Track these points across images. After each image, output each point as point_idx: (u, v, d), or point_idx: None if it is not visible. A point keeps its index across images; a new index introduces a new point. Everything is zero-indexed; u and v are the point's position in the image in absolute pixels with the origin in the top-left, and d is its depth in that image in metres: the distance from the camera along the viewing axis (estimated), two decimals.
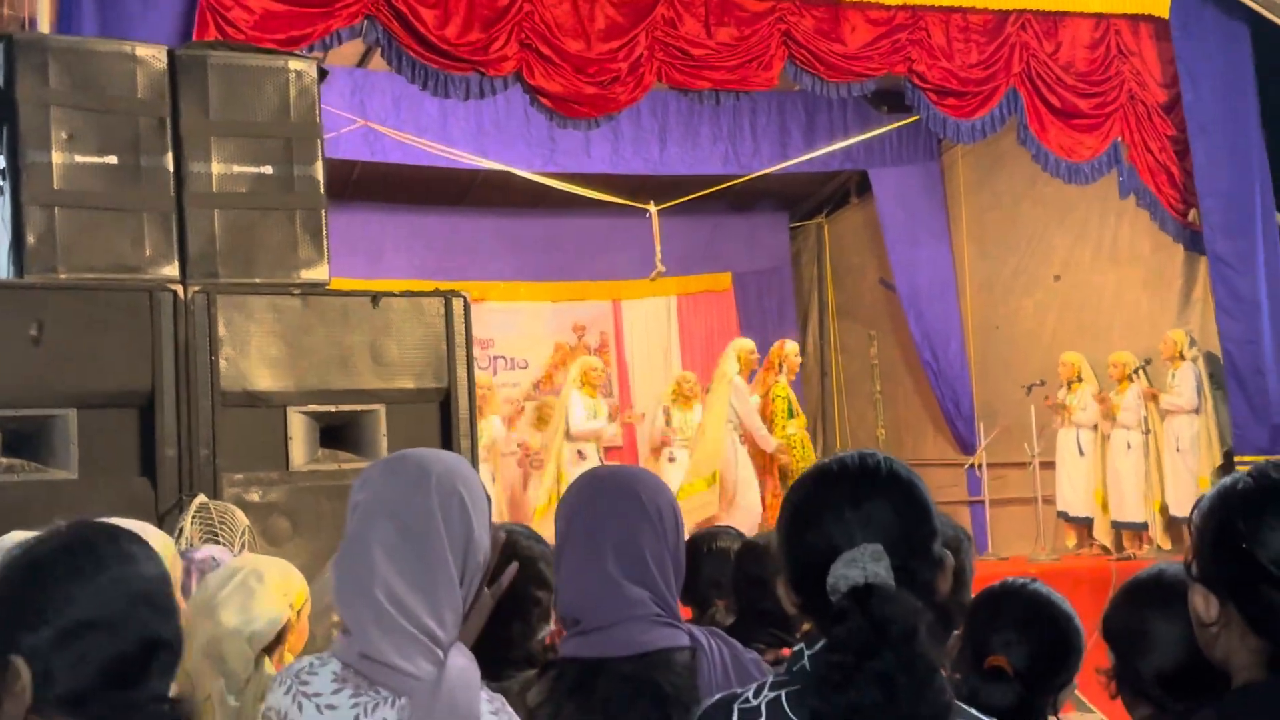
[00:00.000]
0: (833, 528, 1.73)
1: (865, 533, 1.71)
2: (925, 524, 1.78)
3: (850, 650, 1.61)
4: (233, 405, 4.85)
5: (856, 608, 1.63)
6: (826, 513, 1.76)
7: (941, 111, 9.35)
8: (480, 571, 2.08)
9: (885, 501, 1.75)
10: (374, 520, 2.03)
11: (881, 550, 1.68)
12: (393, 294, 5.30)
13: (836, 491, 1.78)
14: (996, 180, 12.08)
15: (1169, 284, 10.73)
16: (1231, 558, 1.62)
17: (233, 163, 5.06)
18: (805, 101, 11.48)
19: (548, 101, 8.46)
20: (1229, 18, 9.60)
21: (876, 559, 1.67)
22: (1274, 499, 1.62)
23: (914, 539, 1.75)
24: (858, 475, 1.79)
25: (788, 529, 1.81)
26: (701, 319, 13.66)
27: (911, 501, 1.78)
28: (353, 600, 1.96)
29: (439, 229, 12.65)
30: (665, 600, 2.30)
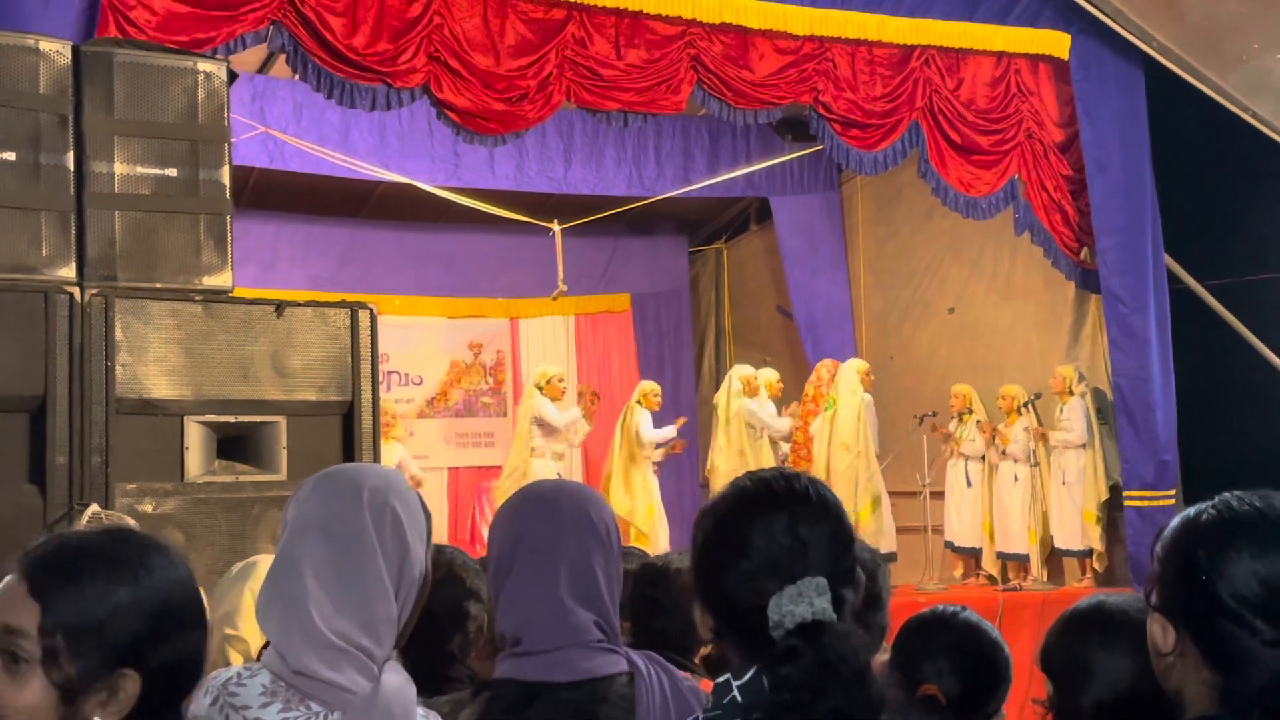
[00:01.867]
0: (768, 556, 1.70)
1: (803, 564, 1.68)
2: (851, 550, 1.76)
3: (802, 690, 1.58)
4: (128, 413, 4.71)
5: (807, 646, 1.60)
6: (758, 539, 1.72)
7: (845, 142, 9.43)
8: (417, 586, 2.04)
9: (821, 529, 1.72)
10: (304, 536, 1.97)
11: (825, 584, 1.65)
12: (297, 304, 5.20)
13: (768, 517, 1.74)
14: (895, 212, 12.24)
15: (1060, 320, 10.94)
16: (1191, 589, 1.62)
17: (136, 163, 4.93)
18: (710, 126, 11.54)
19: (455, 116, 8.38)
20: (1125, 61, 9.84)
21: (821, 593, 1.64)
22: (1236, 531, 1.62)
23: (844, 567, 1.73)
24: (789, 501, 1.75)
25: (710, 553, 1.77)
26: (599, 339, 13.64)
27: (840, 529, 1.75)
28: (283, 616, 1.90)
29: (335, 240, 12.47)
30: (611, 624, 2.23)
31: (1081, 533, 10.20)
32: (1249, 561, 1.59)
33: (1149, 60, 9.68)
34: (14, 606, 1.57)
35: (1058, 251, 10.17)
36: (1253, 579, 1.58)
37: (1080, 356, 10.72)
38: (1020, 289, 11.32)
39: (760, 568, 1.70)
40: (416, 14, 8.07)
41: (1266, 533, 1.61)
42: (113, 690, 1.56)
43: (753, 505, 1.78)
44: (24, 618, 1.56)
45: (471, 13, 8.26)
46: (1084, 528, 10.19)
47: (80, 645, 1.55)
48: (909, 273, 12.26)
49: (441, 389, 12.98)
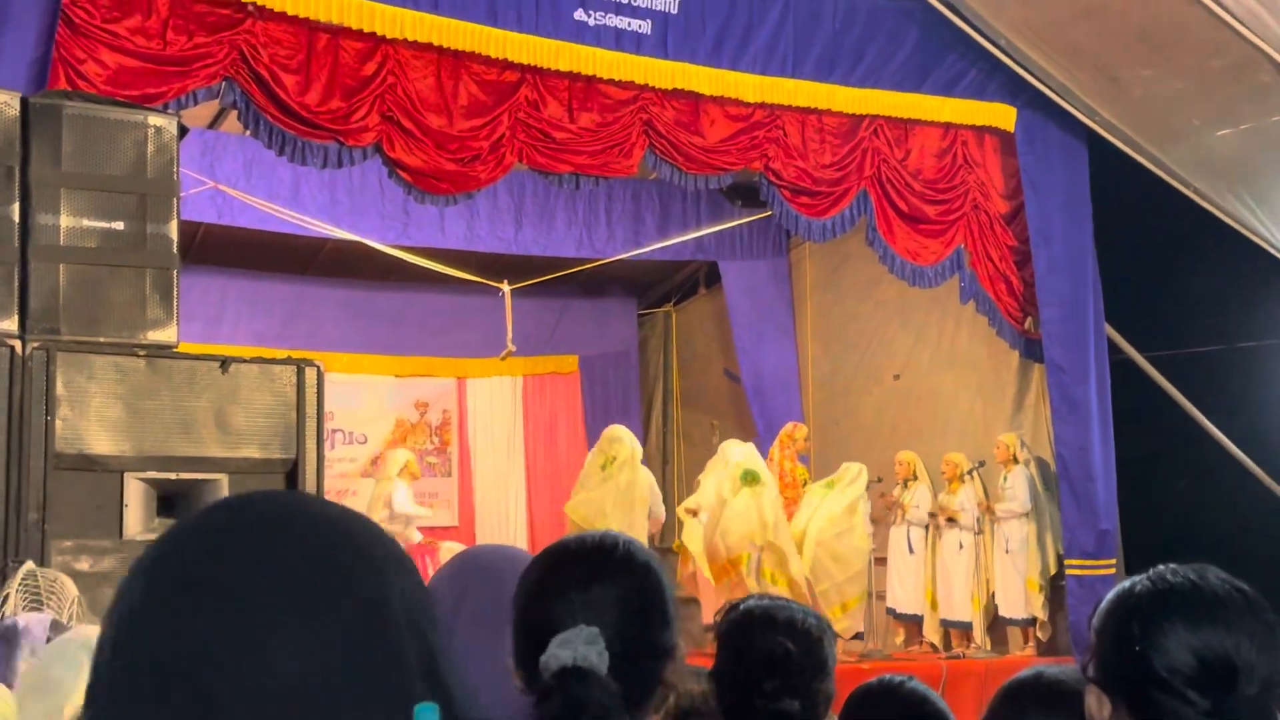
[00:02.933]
0: (558, 608, 1.72)
1: (587, 615, 1.70)
2: (654, 612, 1.77)
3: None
4: (67, 468, 4.65)
5: (557, 689, 1.62)
6: (554, 592, 1.75)
7: (794, 209, 9.52)
8: None
9: (613, 585, 1.74)
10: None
11: (596, 634, 1.66)
12: (243, 360, 5.16)
13: (568, 571, 1.77)
14: (842, 279, 12.34)
15: (1004, 389, 11.04)
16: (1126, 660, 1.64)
17: (83, 216, 4.89)
18: (660, 190, 11.61)
19: (407, 175, 8.38)
20: (1070, 135, 10.00)
21: (590, 642, 1.65)
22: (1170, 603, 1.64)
23: (639, 626, 1.74)
24: (590, 556, 1.79)
25: (519, 604, 1.80)
26: (546, 401, 13.61)
27: (643, 588, 1.77)
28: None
29: (283, 297, 12.39)
30: None
31: (1025, 601, 10.24)
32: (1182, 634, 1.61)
33: (1093, 134, 9.85)
34: None
35: (1002, 321, 10.28)
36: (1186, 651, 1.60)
37: (1024, 425, 10.82)
38: (965, 357, 11.42)
39: (549, 618, 1.73)
40: (370, 73, 8.09)
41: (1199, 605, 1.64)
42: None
43: (560, 558, 1.82)
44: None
45: (425, 73, 8.29)
46: (1027, 596, 10.23)
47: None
48: (855, 339, 12.35)
49: (385, 448, 12.88)
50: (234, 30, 7.58)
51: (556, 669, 1.64)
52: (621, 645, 1.67)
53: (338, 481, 11.77)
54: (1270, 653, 1.65)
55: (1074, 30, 9.11)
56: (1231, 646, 1.62)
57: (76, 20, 7.06)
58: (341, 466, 12.33)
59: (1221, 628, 1.62)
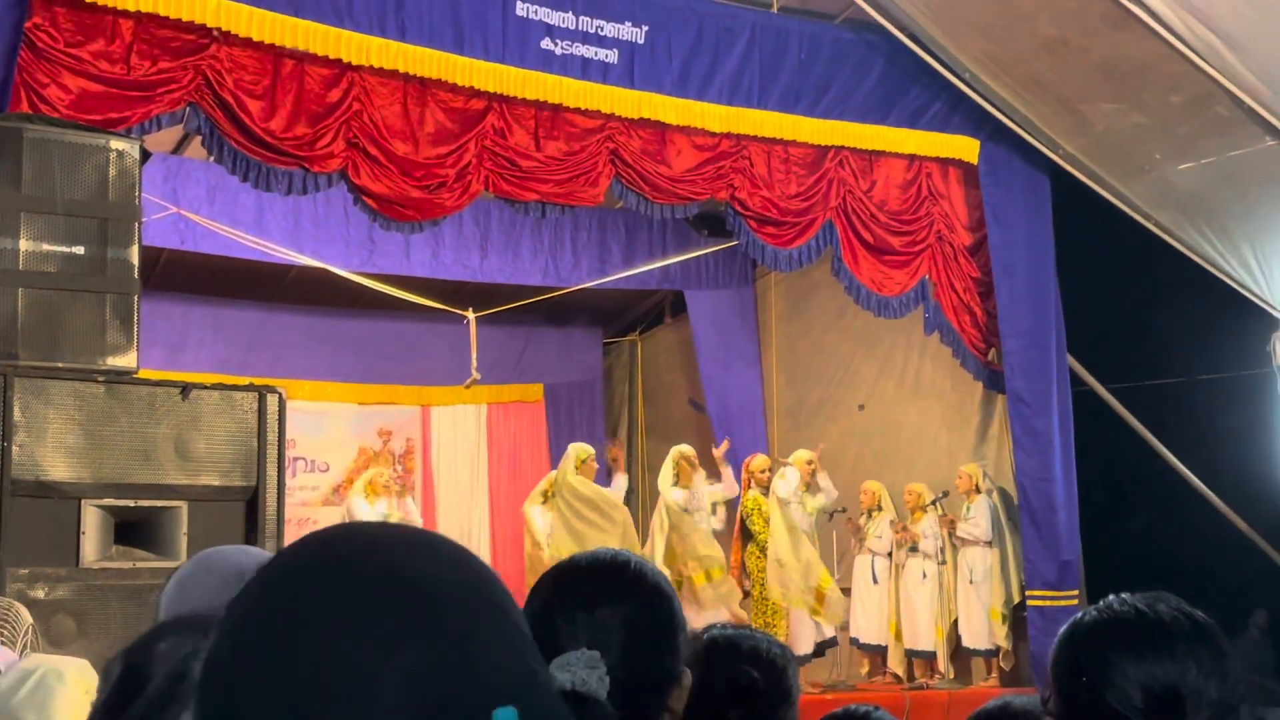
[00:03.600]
0: (563, 628, 1.68)
1: (592, 637, 1.66)
2: (661, 634, 1.73)
3: None
4: (23, 495, 4.58)
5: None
6: (560, 611, 1.71)
7: (761, 239, 9.54)
8: None
9: (621, 607, 1.71)
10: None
11: (598, 658, 1.61)
12: (203, 386, 5.11)
13: (575, 590, 1.73)
14: (807, 309, 12.37)
15: (968, 419, 11.08)
16: (1079, 693, 1.63)
17: (43, 240, 4.84)
18: (626, 219, 11.62)
19: (372, 202, 8.36)
20: (1033, 168, 10.08)
21: (591, 666, 1.61)
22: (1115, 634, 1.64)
23: (645, 651, 1.70)
24: (599, 575, 1.75)
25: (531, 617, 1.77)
26: (510, 429, 13.56)
27: (651, 612, 1.73)
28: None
29: (245, 323, 12.32)
30: None
31: (988, 632, 10.25)
32: (1128, 665, 1.61)
33: (1056, 167, 9.93)
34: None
35: (966, 352, 10.32)
36: (1132, 683, 1.60)
37: (987, 455, 10.85)
38: (929, 388, 11.46)
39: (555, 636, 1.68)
40: (336, 99, 8.07)
41: (1144, 635, 1.63)
42: None
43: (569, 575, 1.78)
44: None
45: (391, 100, 8.28)
46: (990, 626, 10.24)
47: None
48: (820, 369, 12.37)
49: (348, 476, 12.79)
50: (198, 55, 7.55)
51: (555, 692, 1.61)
52: (626, 670, 1.63)
53: (299, 510, 11.68)
54: (1220, 679, 1.65)
55: (1036, 63, 9.19)
56: (1177, 675, 1.61)
57: (39, 44, 7.02)
58: (303, 494, 12.25)
59: (1166, 656, 1.62)
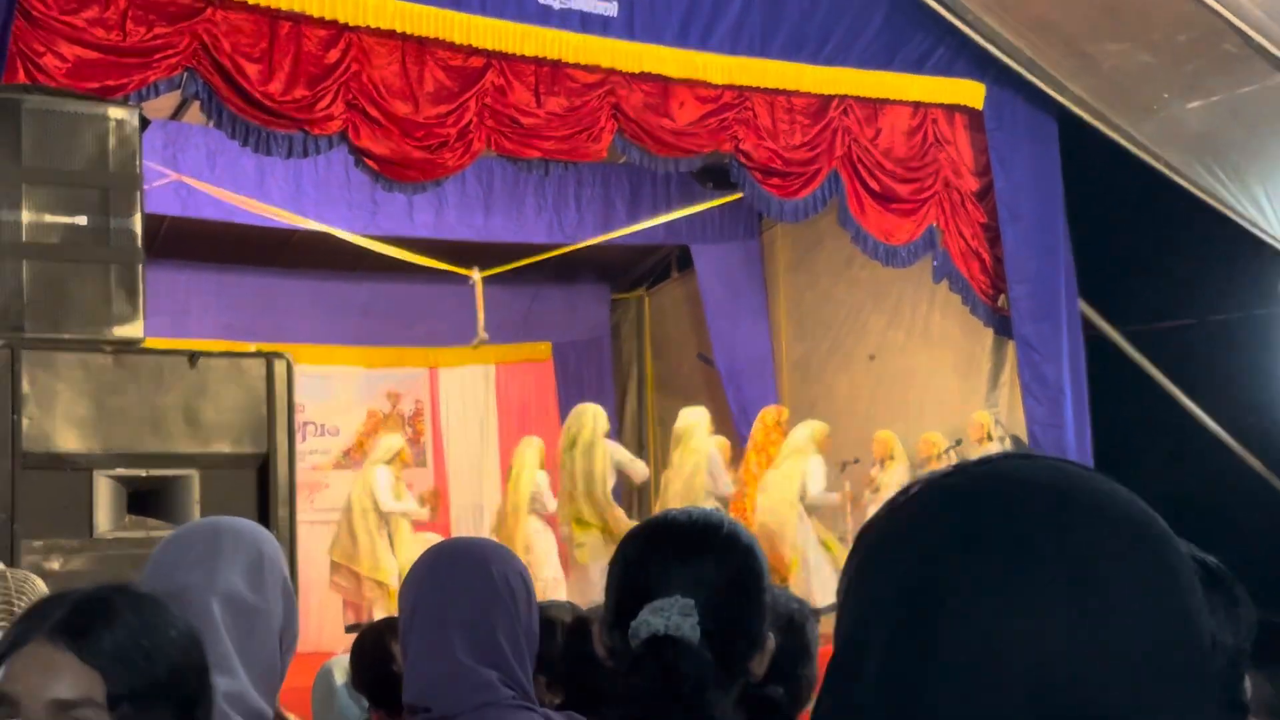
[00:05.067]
0: (656, 577, 1.69)
1: (684, 588, 1.66)
2: (750, 595, 1.73)
3: (641, 702, 1.57)
4: (35, 467, 4.57)
5: (653, 657, 1.59)
6: (653, 562, 1.71)
7: (766, 190, 9.47)
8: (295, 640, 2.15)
9: (713, 563, 1.70)
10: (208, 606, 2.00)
11: (691, 606, 1.63)
12: (211, 354, 5.09)
13: (670, 542, 1.74)
14: (815, 260, 12.31)
15: (978, 367, 11.04)
16: None
17: (45, 212, 4.80)
18: (630, 174, 11.55)
19: (374, 164, 8.30)
20: (1039, 111, 9.99)
21: (685, 613, 1.62)
22: None
23: (733, 609, 1.70)
24: (694, 531, 1.75)
25: (616, 571, 1.76)
26: (519, 388, 13.54)
27: (742, 569, 1.73)
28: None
29: (250, 289, 12.28)
30: (519, 682, 2.19)
31: None
32: None
33: (1062, 109, 9.83)
34: (64, 676, 1.44)
35: (975, 299, 10.26)
36: None
37: (998, 403, 10.82)
38: (939, 336, 11.41)
39: (646, 586, 1.69)
40: (334, 60, 7.99)
41: None
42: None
43: (662, 529, 1.79)
44: (83, 687, 1.43)
45: (389, 59, 8.20)
46: None
47: (150, 707, 1.46)
48: (829, 320, 12.33)
49: (358, 440, 12.79)
50: (194, 20, 7.48)
51: (647, 636, 1.61)
52: (712, 627, 1.64)
53: (310, 475, 11.68)
54: (1234, 624, 1.65)
55: (1041, 4, 9.09)
56: None
57: (34, 12, 6.95)
58: (314, 459, 12.24)
59: None
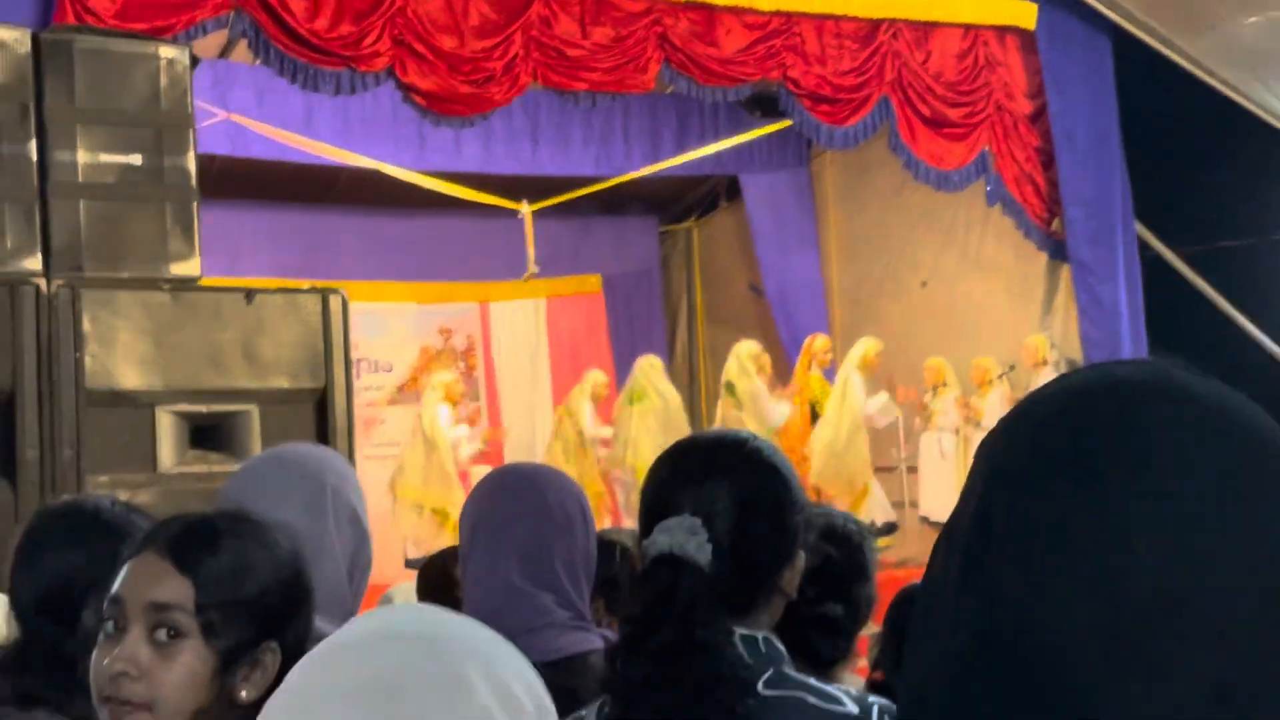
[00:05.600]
0: (674, 498, 1.69)
1: (699, 506, 1.67)
2: (770, 513, 1.72)
3: (637, 621, 1.60)
4: (98, 404, 4.64)
5: (654, 577, 1.61)
6: (673, 482, 1.72)
7: (815, 118, 9.40)
8: (367, 576, 2.22)
9: (731, 481, 1.70)
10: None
11: (699, 524, 1.63)
12: (268, 290, 5.13)
13: (689, 462, 1.75)
14: (865, 187, 12.22)
15: (1032, 292, 10.96)
16: None
17: (100, 152, 4.84)
18: (677, 105, 11.48)
19: (421, 99, 8.31)
20: (1092, 30, 9.83)
21: (692, 532, 1.62)
22: None
23: (754, 527, 1.70)
24: (713, 449, 1.77)
25: (643, 492, 1.78)
26: (569, 322, 13.57)
27: (761, 488, 1.72)
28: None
29: (301, 227, 12.34)
30: (575, 605, 2.23)
31: None
32: None
33: (1116, 27, 9.67)
34: (162, 582, 1.59)
35: (1029, 223, 10.17)
36: None
37: (1053, 327, 10.74)
38: (992, 261, 11.32)
39: (666, 506, 1.70)
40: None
41: None
42: (257, 664, 1.60)
43: (686, 449, 1.80)
44: (177, 593, 1.58)
45: None
46: None
47: (234, 618, 1.59)
48: (880, 247, 12.26)
49: (412, 375, 12.89)
50: None
51: (654, 555, 1.63)
52: (735, 545, 1.65)
53: (365, 411, 11.78)
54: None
55: None
56: None
57: None
58: (369, 395, 12.34)
59: None
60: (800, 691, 1.63)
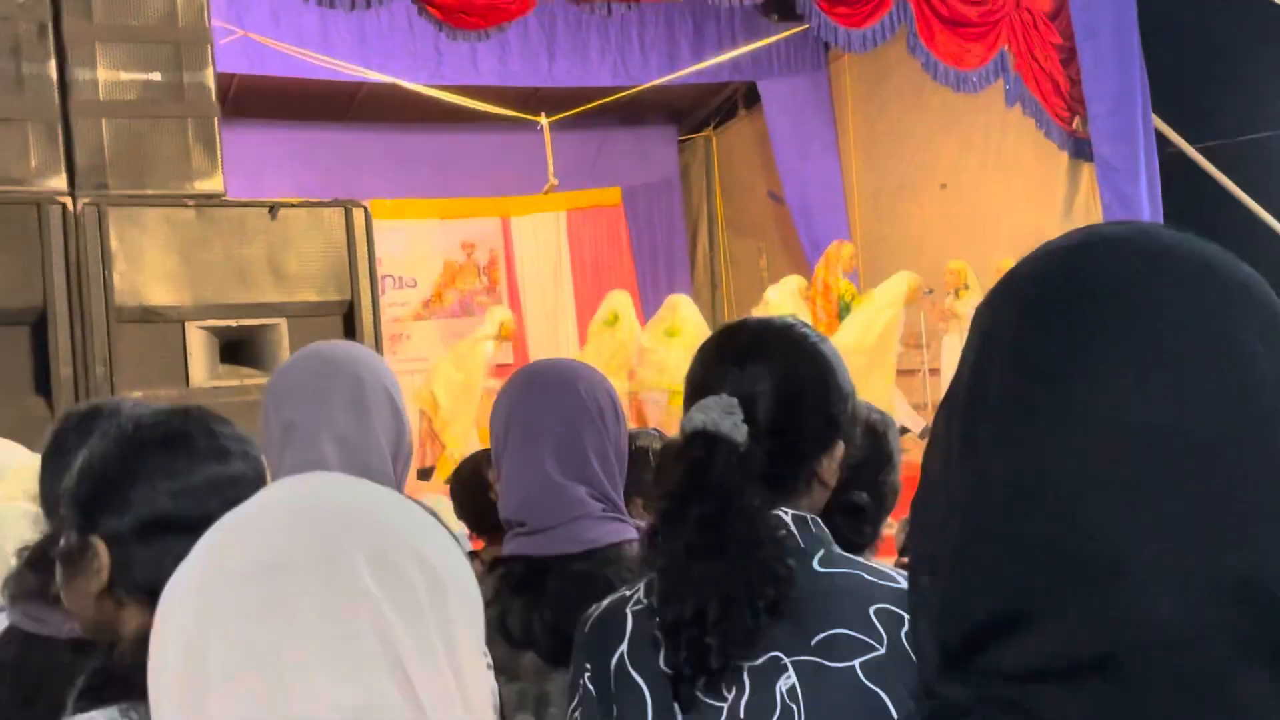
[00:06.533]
0: (715, 377, 1.69)
1: (740, 387, 1.66)
2: (811, 398, 1.70)
3: (673, 495, 1.60)
4: (128, 321, 4.70)
5: (689, 451, 1.61)
6: (716, 362, 1.71)
7: (832, 20, 9.32)
8: (409, 467, 2.25)
9: (774, 363, 1.69)
10: (313, 438, 2.12)
11: (735, 404, 1.63)
12: (291, 204, 5.17)
13: (731, 345, 1.73)
14: (883, 90, 12.13)
15: (1053, 192, 10.89)
16: None
17: (120, 70, 4.86)
18: (693, 11, 11.39)
19: (437, 12, 8.29)
20: None
21: (727, 410, 1.62)
22: None
23: (795, 411, 1.68)
24: (759, 331, 1.75)
25: (690, 372, 1.76)
26: (591, 234, 13.58)
27: (804, 370, 1.70)
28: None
29: (321, 145, 12.35)
30: (609, 496, 2.25)
31: None
32: None
33: None
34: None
35: (1049, 122, 10.10)
36: None
37: (1075, 226, 10.68)
38: (1012, 162, 11.25)
39: (707, 386, 1.69)
40: None
41: None
42: (83, 559, 1.51)
43: (733, 331, 1.78)
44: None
45: None
46: None
47: (64, 514, 1.54)
48: (900, 150, 12.19)
49: (436, 290, 12.95)
50: None
51: (689, 432, 1.63)
52: (773, 428, 1.64)
53: (391, 326, 11.85)
54: None
55: None
56: None
57: None
58: (394, 311, 12.41)
59: None
60: (854, 569, 1.65)
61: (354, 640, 0.84)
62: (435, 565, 0.90)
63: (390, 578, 0.87)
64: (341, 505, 0.92)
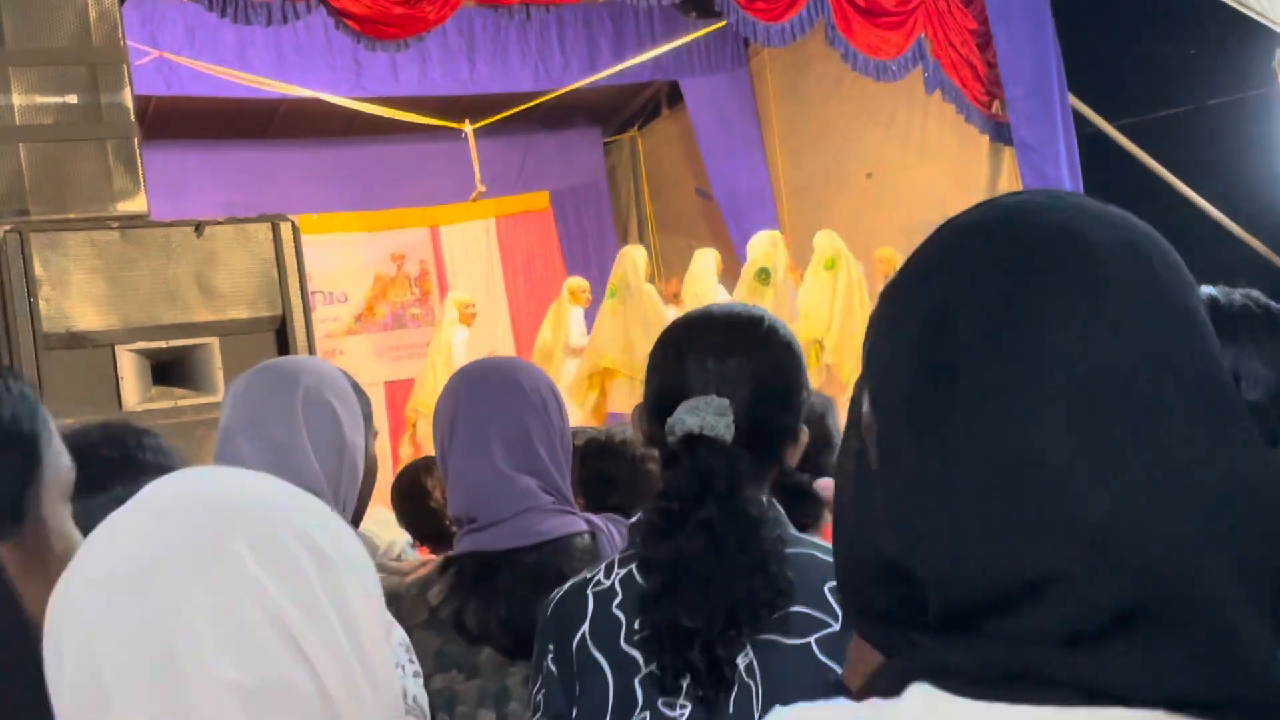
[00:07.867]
0: (693, 373, 1.72)
1: (720, 385, 1.70)
2: (785, 391, 1.76)
3: (677, 498, 1.62)
4: (57, 347, 4.63)
5: (686, 455, 1.64)
6: (691, 357, 1.73)
7: (750, 15, 9.35)
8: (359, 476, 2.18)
9: (750, 360, 1.73)
10: (234, 438, 2.04)
11: (727, 406, 1.66)
12: (217, 222, 5.12)
13: (708, 337, 1.75)
14: (805, 83, 12.21)
15: (976, 176, 11.01)
16: None
17: (35, 93, 4.79)
18: (612, 13, 11.41)
19: (353, 24, 8.22)
20: None
21: (720, 413, 1.65)
22: None
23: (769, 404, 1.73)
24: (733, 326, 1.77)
25: (656, 360, 1.79)
26: (522, 240, 13.55)
27: (778, 367, 1.75)
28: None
29: (243, 163, 12.23)
30: (558, 488, 2.27)
31: None
32: None
33: None
34: None
35: (969, 107, 10.20)
36: None
37: None
38: (936, 148, 11.36)
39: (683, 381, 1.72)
40: None
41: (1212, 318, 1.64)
42: None
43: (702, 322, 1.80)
44: None
45: None
46: None
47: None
48: (824, 143, 12.27)
49: (368, 304, 12.87)
50: None
51: (683, 435, 1.65)
52: (748, 421, 1.68)
53: (324, 342, 11.77)
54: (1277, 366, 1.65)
55: None
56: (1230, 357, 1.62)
57: None
58: (326, 326, 12.32)
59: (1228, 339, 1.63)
60: (808, 549, 1.69)
61: (243, 624, 0.86)
62: (320, 543, 0.91)
63: (274, 560, 0.88)
64: (218, 494, 0.93)
